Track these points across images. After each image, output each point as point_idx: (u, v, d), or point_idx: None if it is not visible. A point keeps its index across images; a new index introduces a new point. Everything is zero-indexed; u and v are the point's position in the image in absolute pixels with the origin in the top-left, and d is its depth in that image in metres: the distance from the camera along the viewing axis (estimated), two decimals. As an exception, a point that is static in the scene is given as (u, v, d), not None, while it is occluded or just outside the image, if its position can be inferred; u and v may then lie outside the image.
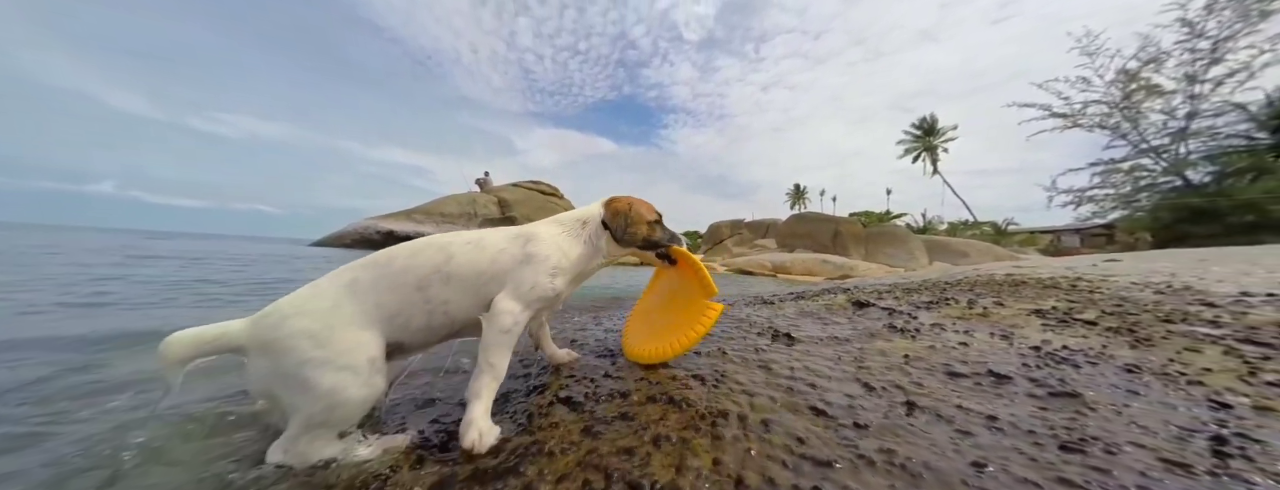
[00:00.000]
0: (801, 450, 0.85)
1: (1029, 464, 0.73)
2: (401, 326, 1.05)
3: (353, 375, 0.94)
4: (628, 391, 1.18)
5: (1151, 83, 13.36)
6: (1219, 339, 1.25)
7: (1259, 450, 0.70)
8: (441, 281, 1.07)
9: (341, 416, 0.95)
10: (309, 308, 1.00)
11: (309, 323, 0.97)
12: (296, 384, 0.92)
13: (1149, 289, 1.92)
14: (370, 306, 1.03)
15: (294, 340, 0.94)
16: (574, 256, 1.23)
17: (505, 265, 1.13)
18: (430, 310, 1.07)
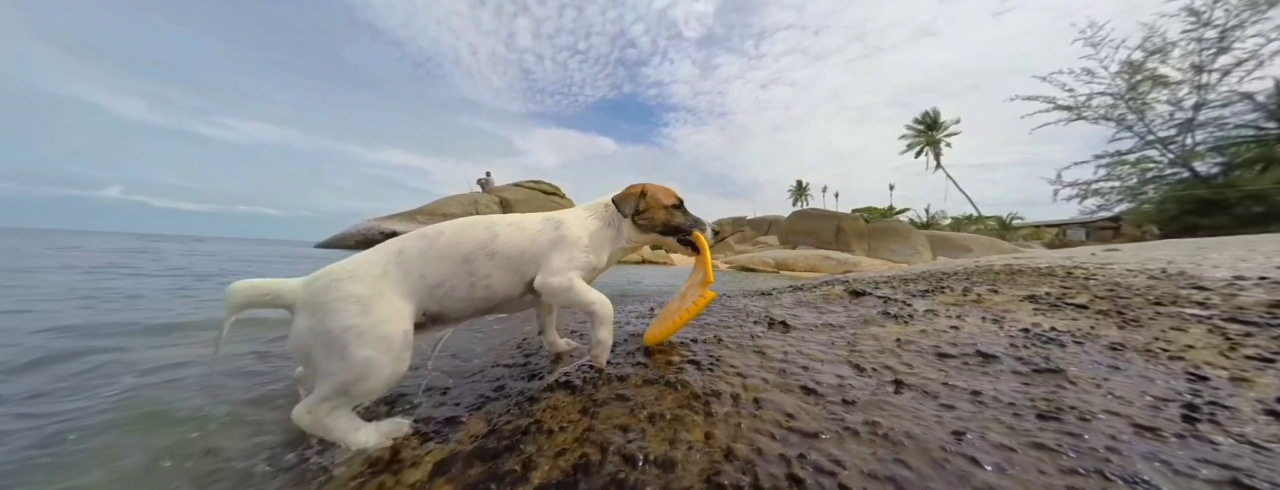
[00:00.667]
0: (790, 424, 0.88)
1: (1006, 432, 0.76)
2: (443, 297, 1.11)
3: (387, 349, 0.98)
4: (625, 376, 1.21)
5: (1157, 73, 13.18)
6: (1206, 319, 1.27)
7: (1227, 415, 0.72)
8: (486, 257, 1.15)
9: (365, 390, 0.98)
10: (360, 273, 1.04)
11: (358, 287, 1.01)
12: (336, 349, 0.96)
13: (1143, 275, 1.93)
14: (415, 277, 1.08)
15: (341, 304, 0.98)
16: (601, 237, 1.29)
17: (542, 247, 1.20)
18: (473, 283, 1.13)
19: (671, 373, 1.20)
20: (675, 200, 1.34)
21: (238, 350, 2.06)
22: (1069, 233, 21.19)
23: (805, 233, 21.32)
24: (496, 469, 0.84)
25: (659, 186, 1.36)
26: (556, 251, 1.21)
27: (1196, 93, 12.88)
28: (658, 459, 0.78)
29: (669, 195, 1.34)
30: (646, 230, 1.33)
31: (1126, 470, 0.61)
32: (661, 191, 1.34)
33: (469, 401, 1.20)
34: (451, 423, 1.05)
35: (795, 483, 0.68)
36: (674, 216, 1.33)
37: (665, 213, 1.32)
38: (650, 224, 1.31)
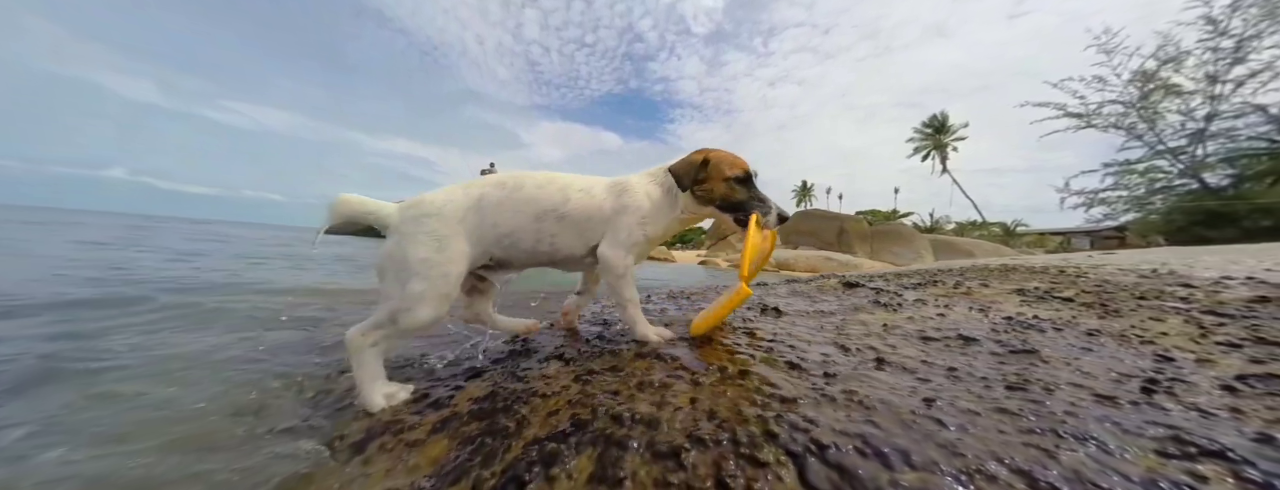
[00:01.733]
0: (771, 391, 0.92)
1: (974, 400, 0.80)
2: (509, 246, 1.19)
3: (442, 288, 1.07)
4: (618, 351, 1.26)
5: (1170, 82, 12.99)
6: (1185, 311, 1.30)
7: (1184, 388, 0.76)
8: (556, 219, 1.20)
9: (411, 322, 1.06)
10: (445, 212, 1.14)
11: (440, 226, 1.11)
12: (404, 277, 1.07)
13: (1134, 274, 1.96)
14: (489, 225, 1.16)
15: (425, 237, 1.09)
16: (661, 204, 1.23)
17: (607, 214, 1.23)
18: (538, 238, 1.20)
19: (663, 349, 1.25)
20: (741, 172, 1.19)
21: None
22: (1073, 241, 21.06)
23: (808, 233, 21.29)
24: (493, 426, 0.89)
25: (726, 154, 1.21)
26: (620, 221, 1.21)
27: (1210, 103, 12.67)
28: (644, 418, 0.83)
29: (734, 166, 1.19)
30: (704, 202, 1.21)
31: (1079, 430, 0.65)
32: (727, 161, 1.19)
33: (468, 370, 1.26)
34: (455, 389, 1.10)
35: (770, 437, 0.73)
36: (734, 192, 1.18)
37: (725, 187, 1.17)
38: (708, 196, 1.19)
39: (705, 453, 0.70)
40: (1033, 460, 0.61)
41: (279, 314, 2.54)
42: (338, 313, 2.68)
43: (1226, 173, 13.12)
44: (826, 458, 0.66)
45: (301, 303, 3.05)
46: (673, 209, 1.25)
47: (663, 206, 1.24)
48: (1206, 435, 0.59)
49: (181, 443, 1.04)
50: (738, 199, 1.19)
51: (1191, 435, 0.60)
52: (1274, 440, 0.57)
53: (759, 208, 1.19)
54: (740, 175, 1.19)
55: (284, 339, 1.97)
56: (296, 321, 2.38)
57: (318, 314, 2.63)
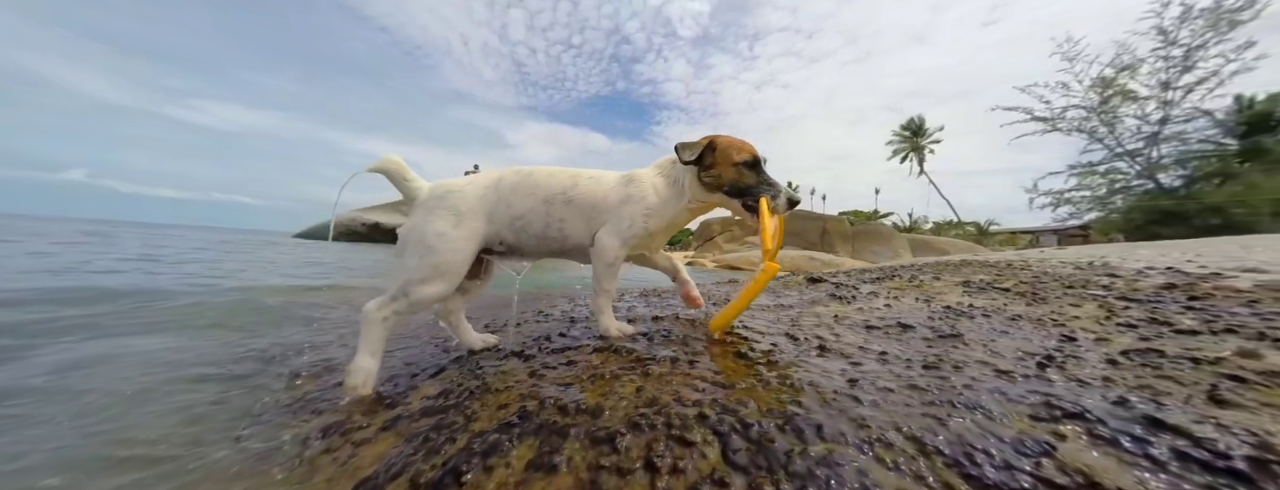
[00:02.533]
0: (714, 379, 0.97)
1: (892, 379, 0.86)
2: (520, 229, 1.24)
3: (453, 262, 1.14)
4: (578, 346, 1.29)
5: (1127, 88, 13.80)
6: (1102, 298, 1.40)
7: (1074, 363, 0.84)
8: (563, 202, 1.24)
9: (422, 294, 1.12)
10: (466, 192, 1.21)
11: (459, 202, 1.19)
12: (421, 248, 1.13)
13: (1072, 266, 2.09)
14: (504, 205, 1.22)
15: (444, 211, 1.17)
16: (667, 196, 1.23)
17: (613, 202, 1.24)
18: (547, 222, 1.23)
19: (622, 342, 1.29)
20: (749, 157, 1.17)
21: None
22: (1042, 239, 22.02)
23: (792, 233, 21.70)
24: (442, 422, 0.91)
25: (733, 139, 1.19)
26: (623, 211, 1.22)
27: (1162, 108, 13.52)
28: (588, 408, 0.86)
29: (742, 151, 1.17)
30: (712, 188, 1.18)
31: (971, 400, 0.72)
32: (734, 146, 1.17)
33: (427, 367, 1.27)
34: (410, 388, 1.11)
35: (702, 419, 0.77)
36: (743, 176, 1.15)
37: (734, 171, 1.15)
38: (716, 182, 1.16)
39: (640, 436, 0.74)
40: (925, 428, 0.66)
41: (242, 317, 2.48)
42: (302, 314, 2.64)
43: (1179, 174, 13.97)
44: (749, 435, 0.71)
45: (263, 310, 2.97)
46: (680, 199, 1.23)
47: (669, 198, 1.24)
48: (1074, 401, 0.66)
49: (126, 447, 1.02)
50: (746, 183, 1.16)
51: (1061, 401, 0.67)
52: (1127, 402, 0.64)
53: (768, 191, 1.16)
54: (749, 160, 1.16)
55: (244, 340, 1.94)
56: (259, 323, 2.33)
57: (285, 316, 2.58)
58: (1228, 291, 1.30)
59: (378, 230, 14.76)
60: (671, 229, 1.30)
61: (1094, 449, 0.57)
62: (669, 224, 1.26)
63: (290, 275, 5.45)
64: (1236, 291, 1.30)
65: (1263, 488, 0.47)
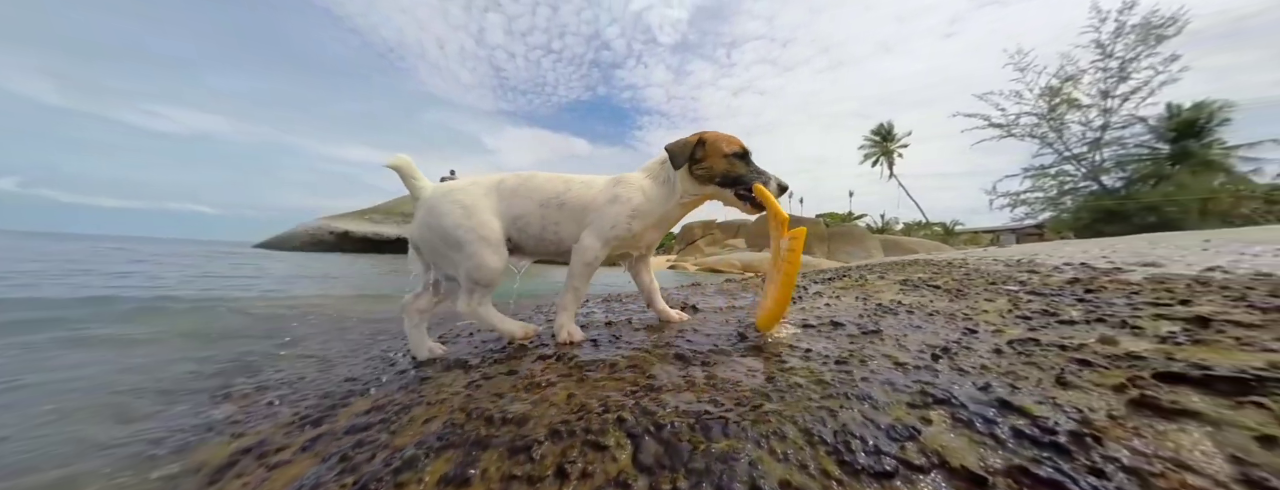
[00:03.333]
0: (645, 382, 1.00)
1: (807, 375, 0.91)
2: (521, 229, 1.31)
3: (490, 243, 1.23)
4: (522, 355, 1.29)
5: (1071, 97, 14.93)
6: (1014, 292, 1.52)
7: (964, 354, 0.91)
8: (557, 205, 1.30)
9: (485, 277, 1.23)
10: (469, 190, 1.30)
11: (464, 197, 1.27)
12: (453, 243, 1.23)
13: (1002, 264, 2.24)
14: (505, 205, 1.30)
15: (451, 208, 1.25)
16: (654, 196, 1.27)
17: (601, 203, 1.29)
18: (543, 224, 1.30)
19: (566, 348, 1.30)
20: (738, 149, 1.23)
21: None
22: (1002, 238, 23.33)
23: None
24: (364, 439, 0.89)
25: (721, 133, 1.25)
26: (607, 211, 1.26)
27: (1103, 115, 14.70)
28: (515, 417, 0.87)
29: (731, 143, 1.23)
30: (704, 181, 1.24)
31: (863, 391, 0.77)
32: (723, 139, 1.23)
33: (368, 382, 1.24)
34: (341, 404, 1.09)
35: (620, 423, 0.79)
36: (734, 166, 1.22)
37: (725, 162, 1.21)
38: (708, 174, 1.23)
39: (557, 444, 0.76)
40: (817, 420, 0.71)
41: (178, 332, 2.36)
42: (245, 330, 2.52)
43: (1119, 175, 15.18)
44: (661, 436, 0.74)
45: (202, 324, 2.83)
46: (670, 198, 1.28)
47: (657, 198, 1.28)
48: (946, 389, 0.73)
49: (34, 474, 0.96)
50: (737, 173, 1.22)
51: (936, 389, 0.73)
52: (989, 387, 0.71)
53: (759, 179, 1.23)
54: (738, 151, 1.23)
55: (174, 356, 1.84)
56: (190, 339, 2.22)
57: (219, 331, 2.46)
58: (1120, 284, 1.44)
59: (347, 239, 14.15)
60: (663, 227, 1.35)
61: (952, 431, 0.63)
62: (658, 223, 1.31)
63: (241, 288, 5.20)
64: (1127, 284, 1.44)
65: (1074, 457, 0.54)
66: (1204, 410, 0.56)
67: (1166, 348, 0.80)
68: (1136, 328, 0.96)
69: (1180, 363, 0.69)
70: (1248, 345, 0.76)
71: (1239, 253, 1.92)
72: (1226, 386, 0.59)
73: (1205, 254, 2.06)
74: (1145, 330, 0.94)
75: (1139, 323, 0.99)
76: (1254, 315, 0.94)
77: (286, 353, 1.98)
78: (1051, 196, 15.81)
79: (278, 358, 1.86)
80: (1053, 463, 0.53)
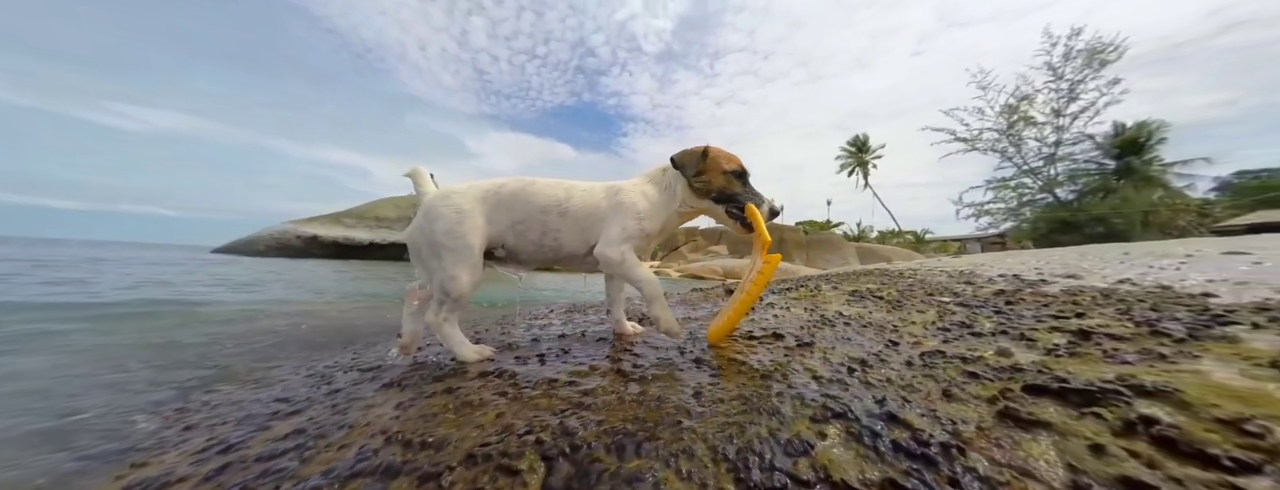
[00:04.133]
0: (580, 400, 1.00)
1: (733, 389, 0.94)
2: (520, 234, 1.31)
3: (467, 255, 1.23)
4: (464, 371, 1.27)
5: (1027, 114, 16.00)
6: (946, 304, 1.61)
7: (878, 366, 0.96)
8: (558, 214, 1.30)
9: (456, 290, 1.23)
10: (467, 193, 1.30)
11: (461, 201, 1.27)
12: (436, 249, 1.23)
13: (945, 274, 2.37)
14: (504, 209, 1.29)
15: (446, 210, 1.25)
16: (657, 201, 1.30)
17: (603, 212, 1.28)
18: (543, 230, 1.30)
19: (512, 364, 1.29)
20: (737, 167, 1.26)
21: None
22: (968, 247, 24.51)
23: (752, 243, 22.52)
24: (271, 468, 0.84)
25: (723, 150, 1.27)
26: (614, 219, 1.26)
27: (1056, 132, 15.80)
28: (435, 441, 0.85)
29: (731, 161, 1.25)
30: (701, 195, 1.27)
31: (774, 407, 0.80)
32: (724, 156, 1.26)
33: (297, 403, 1.20)
34: (261, 428, 1.04)
35: (538, 445, 0.79)
36: (732, 184, 1.25)
37: (723, 179, 1.24)
38: (706, 188, 1.25)
39: (470, 470, 0.74)
40: (726, 437, 0.74)
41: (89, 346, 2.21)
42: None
43: (1072, 188, 16.30)
44: (576, 457, 0.75)
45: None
46: (671, 204, 1.30)
47: (660, 203, 1.30)
48: (847, 403, 0.76)
49: None
50: (733, 191, 1.25)
51: (838, 403, 0.77)
52: (884, 401, 0.75)
53: (753, 199, 1.27)
54: (737, 170, 1.25)
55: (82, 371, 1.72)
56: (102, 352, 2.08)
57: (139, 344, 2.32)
58: (1038, 296, 1.55)
59: (316, 244, 13.54)
60: (665, 232, 1.35)
61: (843, 445, 0.67)
62: (661, 226, 1.32)
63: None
64: (1044, 296, 1.55)
65: (939, 468, 0.58)
66: (1054, 421, 0.61)
67: (1047, 360, 0.86)
68: (1032, 340, 1.04)
69: (1047, 375, 0.75)
70: (1110, 358, 0.83)
71: (1149, 265, 2.09)
72: (1077, 398, 0.65)
73: (1121, 266, 2.24)
74: (1038, 343, 1.01)
75: (1036, 335, 1.07)
76: (1129, 328, 1.03)
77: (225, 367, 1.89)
78: (1012, 207, 16.79)
79: (214, 372, 1.76)
80: (919, 475, 0.57)
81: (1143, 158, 16.27)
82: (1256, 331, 0.93)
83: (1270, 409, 0.56)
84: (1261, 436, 0.51)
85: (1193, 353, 0.81)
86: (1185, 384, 0.65)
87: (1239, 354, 0.78)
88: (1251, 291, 1.39)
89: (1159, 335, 0.95)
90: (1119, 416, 0.59)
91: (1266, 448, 0.49)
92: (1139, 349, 0.86)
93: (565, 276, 10.29)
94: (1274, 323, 0.97)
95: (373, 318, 3.71)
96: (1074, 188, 16.26)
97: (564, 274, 10.66)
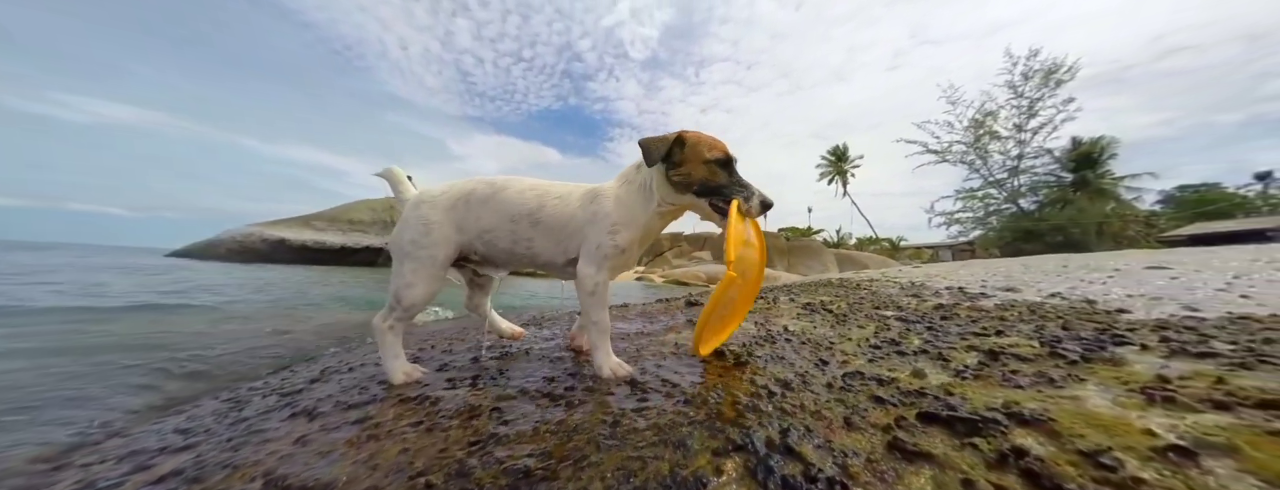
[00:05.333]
0: (495, 430, 0.95)
1: (659, 414, 0.91)
2: (489, 242, 1.27)
3: (429, 267, 1.22)
4: (382, 397, 1.19)
5: (992, 129, 16.92)
6: (888, 318, 1.64)
7: (798, 390, 0.95)
8: (530, 224, 1.24)
9: (409, 300, 1.22)
10: (438, 201, 1.27)
11: (430, 212, 1.25)
12: (400, 257, 1.24)
13: (898, 286, 2.43)
14: (473, 217, 1.26)
15: (417, 221, 1.24)
16: (631, 205, 1.16)
17: (579, 223, 1.20)
18: (515, 240, 1.25)
19: (438, 390, 1.22)
20: (721, 155, 1.08)
21: None
22: (940, 254, 25.49)
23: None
24: None
25: (702, 135, 1.10)
26: (590, 234, 1.16)
27: (1018, 146, 16.74)
28: (318, 484, 0.79)
29: (713, 147, 1.08)
30: (681, 189, 1.11)
31: (682, 438, 0.79)
32: (704, 142, 1.09)
33: (197, 429, 1.11)
34: (142, 467, 0.96)
35: (428, 487, 0.74)
36: (716, 174, 1.08)
37: (705, 169, 1.07)
38: (685, 180, 1.09)
39: None
40: (628, 473, 0.71)
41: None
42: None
43: (1034, 199, 17.26)
44: None
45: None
46: (648, 204, 1.16)
47: (634, 206, 1.17)
48: (750, 434, 0.75)
49: None
50: (718, 183, 1.09)
51: (742, 434, 0.75)
52: (788, 432, 0.74)
53: (740, 193, 1.08)
54: (721, 157, 1.09)
55: None
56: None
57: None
58: (973, 310, 1.60)
59: (283, 248, 12.90)
60: (647, 239, 1.22)
61: (738, 482, 0.65)
62: (642, 235, 1.19)
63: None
64: (978, 310, 1.60)
65: (821, 508, 0.56)
66: (937, 452, 0.61)
67: (952, 382, 0.88)
68: (947, 360, 1.06)
69: (942, 402, 0.76)
70: (1006, 381, 0.85)
71: (1081, 279, 2.20)
72: (962, 427, 0.66)
73: (1057, 279, 2.34)
74: (951, 363, 1.03)
75: (953, 354, 1.09)
76: (1034, 348, 1.06)
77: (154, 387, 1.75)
78: (979, 216, 17.63)
79: (123, 394, 1.63)
80: (799, 514, 0.55)
81: (1097, 171, 17.40)
82: (1143, 353, 0.98)
83: (1128, 439, 0.58)
84: (1114, 470, 0.52)
85: (1080, 376, 0.84)
86: (1061, 412, 0.66)
87: (1119, 378, 0.81)
88: (1161, 307, 1.48)
89: (1057, 357, 0.98)
90: (994, 448, 0.60)
91: (1116, 482, 0.50)
92: (1035, 372, 0.89)
93: (548, 283, 10.15)
94: (1164, 343, 1.03)
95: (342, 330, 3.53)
96: (1036, 198, 17.23)
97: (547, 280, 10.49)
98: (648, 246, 1.33)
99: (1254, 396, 0.66)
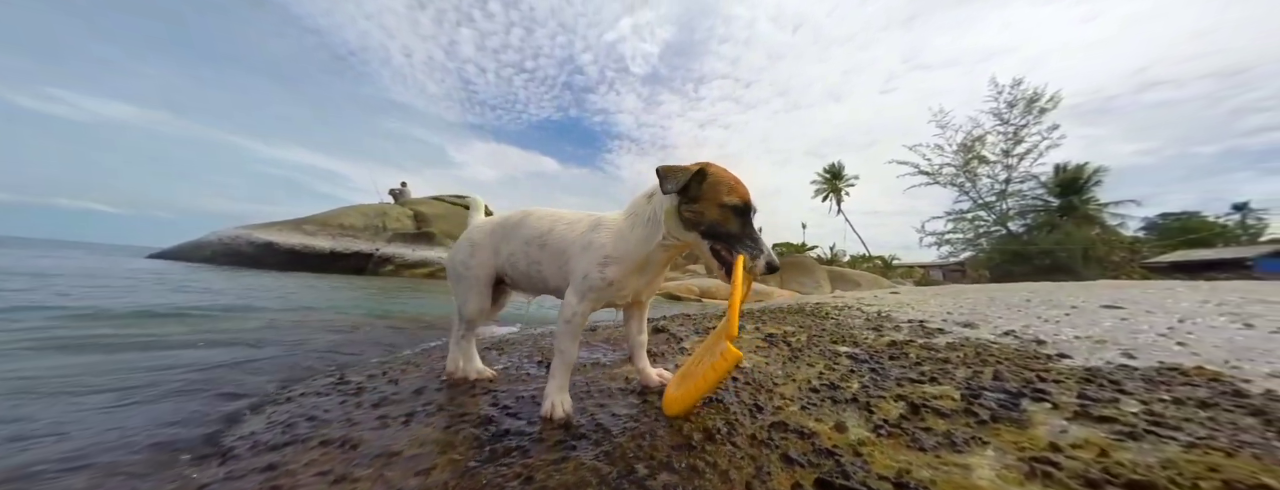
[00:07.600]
0: (422, 467, 0.94)
1: (568, 473, 0.90)
2: (511, 265, 1.39)
3: (474, 285, 1.43)
4: (312, 437, 1.15)
5: (980, 153, 17.33)
6: (838, 356, 1.64)
7: (720, 444, 0.95)
8: (538, 246, 1.32)
9: (468, 313, 1.45)
10: (483, 226, 1.48)
11: (476, 235, 1.46)
12: (453, 277, 1.47)
13: (862, 316, 2.44)
14: (504, 241, 1.40)
15: (465, 244, 1.46)
16: (630, 239, 1.09)
17: (576, 250, 1.21)
18: (528, 263, 1.35)
19: (369, 429, 1.18)
20: (739, 201, 0.98)
21: None
22: (931, 273, 25.67)
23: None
24: None
25: (727, 174, 1.01)
26: (580, 261, 1.14)
27: (1006, 170, 17.12)
28: None
29: (733, 191, 0.98)
30: (689, 226, 1.02)
31: (630, 471, 0.78)
32: (726, 184, 0.99)
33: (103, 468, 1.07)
34: None
35: None
36: (729, 221, 0.98)
37: (719, 212, 0.97)
38: (696, 219, 0.99)
39: None
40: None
41: None
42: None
43: (1022, 222, 17.56)
44: None
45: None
46: (652, 237, 1.07)
47: (633, 241, 1.09)
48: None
49: None
50: (728, 230, 0.99)
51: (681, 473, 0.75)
52: None
53: (749, 249, 0.97)
54: (738, 204, 0.98)
55: None
56: None
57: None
58: (924, 348, 1.61)
59: (271, 252, 12.71)
60: (645, 273, 1.14)
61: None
62: (639, 269, 1.11)
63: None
64: (929, 349, 1.62)
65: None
66: (818, 525, 0.62)
67: (868, 438, 0.88)
68: (872, 411, 1.06)
69: (841, 468, 0.77)
70: (913, 444, 0.86)
71: (1037, 316, 2.23)
72: (849, 499, 0.66)
73: (1016, 315, 2.37)
74: (875, 415, 1.04)
75: (881, 404, 1.10)
76: (954, 403, 1.07)
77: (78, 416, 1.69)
78: (969, 238, 17.87)
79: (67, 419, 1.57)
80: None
81: (1082, 197, 17.78)
82: (1052, 413, 0.99)
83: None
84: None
85: (984, 438, 0.85)
86: (947, 484, 0.67)
87: (1017, 443, 0.82)
88: (1102, 352, 1.50)
89: (971, 414, 0.99)
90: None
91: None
92: (945, 431, 0.90)
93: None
94: (1079, 398, 1.04)
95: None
96: (1024, 222, 17.53)
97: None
98: (651, 278, 1.18)
99: (1124, 476, 0.68)
